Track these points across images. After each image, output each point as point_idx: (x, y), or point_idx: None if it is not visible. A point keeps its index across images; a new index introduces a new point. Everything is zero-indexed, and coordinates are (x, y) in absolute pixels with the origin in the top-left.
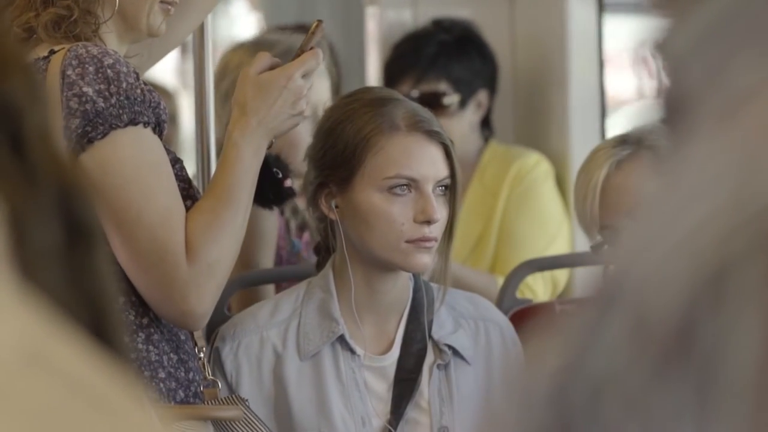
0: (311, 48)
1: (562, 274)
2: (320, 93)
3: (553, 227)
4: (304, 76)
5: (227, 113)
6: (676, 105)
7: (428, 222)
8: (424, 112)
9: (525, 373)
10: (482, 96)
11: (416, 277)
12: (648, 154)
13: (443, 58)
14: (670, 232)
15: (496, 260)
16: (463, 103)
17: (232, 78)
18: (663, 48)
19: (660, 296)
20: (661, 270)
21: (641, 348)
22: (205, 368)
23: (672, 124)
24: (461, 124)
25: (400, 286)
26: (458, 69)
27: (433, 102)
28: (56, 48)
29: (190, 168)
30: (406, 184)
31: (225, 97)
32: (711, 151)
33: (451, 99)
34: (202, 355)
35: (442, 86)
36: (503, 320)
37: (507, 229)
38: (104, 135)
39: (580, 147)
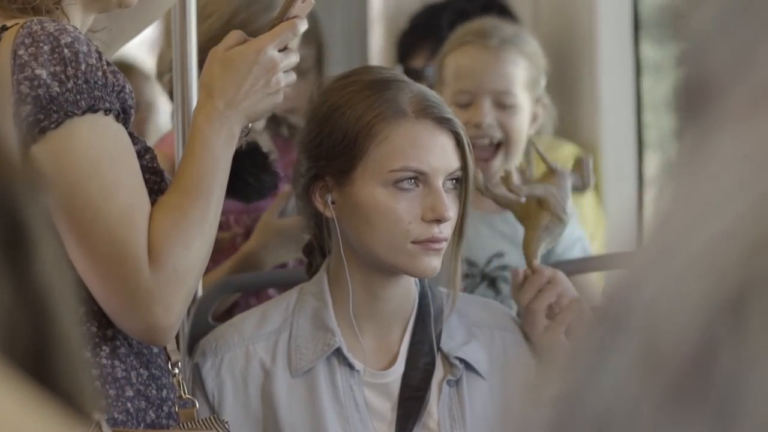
0: (289, 18)
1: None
2: None
3: (589, 228)
4: (283, 50)
5: None
6: (696, 92)
7: (438, 221)
8: (434, 96)
9: (525, 399)
10: None
11: (422, 281)
12: None
13: None
14: (685, 247)
15: None
16: None
17: None
18: (683, 24)
19: (673, 319)
20: (674, 290)
21: (651, 378)
22: (180, 385)
23: (690, 116)
24: None
25: (404, 292)
26: None
27: None
28: (9, 23)
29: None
30: (413, 178)
31: None
32: (734, 152)
33: None
34: (177, 370)
35: None
36: (522, 329)
37: None
38: (58, 124)
39: (611, 135)
